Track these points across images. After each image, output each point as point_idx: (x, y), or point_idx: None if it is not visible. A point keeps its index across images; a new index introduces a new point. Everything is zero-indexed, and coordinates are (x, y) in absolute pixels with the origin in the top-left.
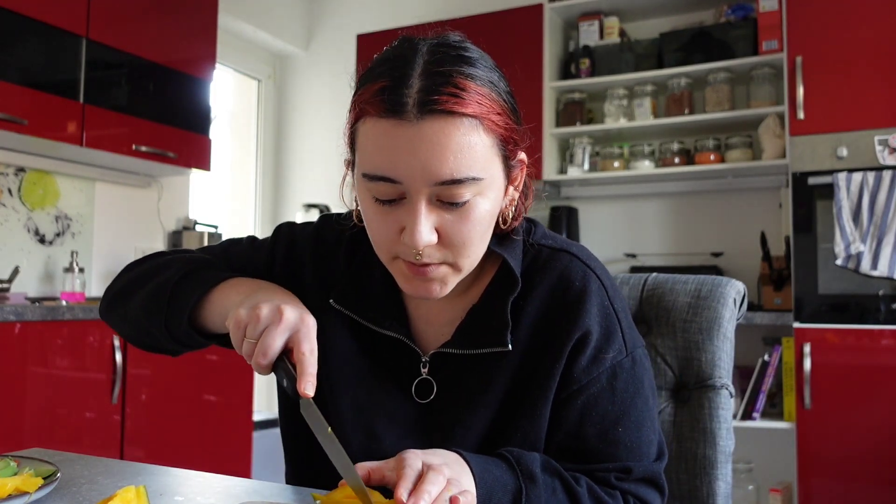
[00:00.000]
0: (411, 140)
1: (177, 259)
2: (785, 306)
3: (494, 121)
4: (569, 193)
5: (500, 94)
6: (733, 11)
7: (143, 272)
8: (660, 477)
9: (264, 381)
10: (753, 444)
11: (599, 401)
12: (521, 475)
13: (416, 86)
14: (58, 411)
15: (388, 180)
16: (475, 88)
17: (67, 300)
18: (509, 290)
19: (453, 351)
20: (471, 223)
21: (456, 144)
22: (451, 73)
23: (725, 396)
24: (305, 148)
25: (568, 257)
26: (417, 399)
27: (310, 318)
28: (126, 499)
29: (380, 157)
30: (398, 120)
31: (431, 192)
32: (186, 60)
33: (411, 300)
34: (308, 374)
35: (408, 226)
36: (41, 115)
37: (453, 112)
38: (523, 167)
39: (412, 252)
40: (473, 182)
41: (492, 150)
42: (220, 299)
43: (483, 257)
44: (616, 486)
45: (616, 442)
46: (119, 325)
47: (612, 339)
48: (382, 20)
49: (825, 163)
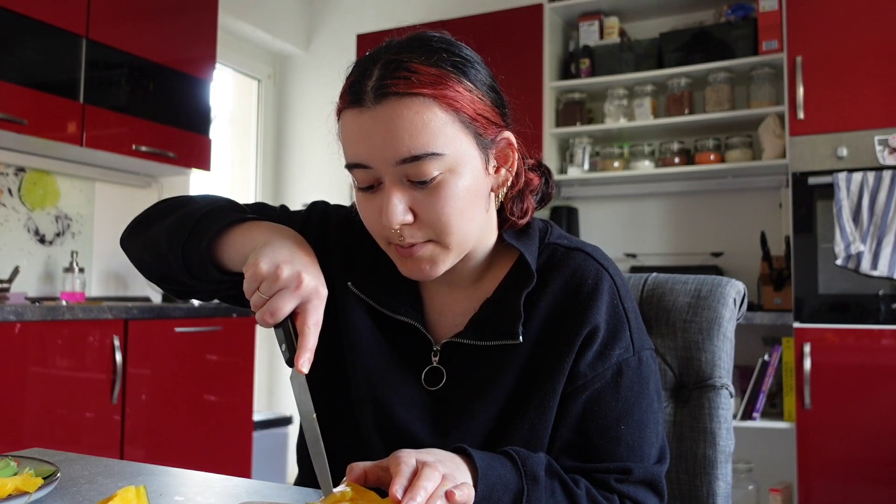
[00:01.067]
0: (370, 124)
1: (213, 197)
2: (785, 306)
3: (453, 98)
4: (569, 193)
5: (466, 74)
6: (733, 11)
7: (173, 203)
8: (660, 481)
9: (264, 382)
10: (753, 444)
11: (603, 397)
12: (524, 476)
13: (374, 75)
14: (58, 411)
15: (361, 166)
16: (428, 70)
17: (67, 300)
18: (524, 284)
19: (465, 341)
20: (443, 199)
21: (409, 122)
22: (404, 59)
23: (725, 396)
24: (305, 148)
25: (582, 256)
26: (427, 387)
27: (323, 290)
28: (126, 499)
29: (350, 146)
30: (359, 108)
31: (398, 173)
32: (186, 60)
33: (427, 289)
34: (307, 349)
35: (382, 207)
36: (41, 115)
37: (403, 93)
38: (511, 147)
39: (394, 233)
40: (435, 157)
41: (454, 127)
42: (242, 237)
43: (498, 251)
44: (615, 488)
45: (618, 439)
46: (137, 251)
47: (619, 336)
48: (382, 20)
49: (825, 163)
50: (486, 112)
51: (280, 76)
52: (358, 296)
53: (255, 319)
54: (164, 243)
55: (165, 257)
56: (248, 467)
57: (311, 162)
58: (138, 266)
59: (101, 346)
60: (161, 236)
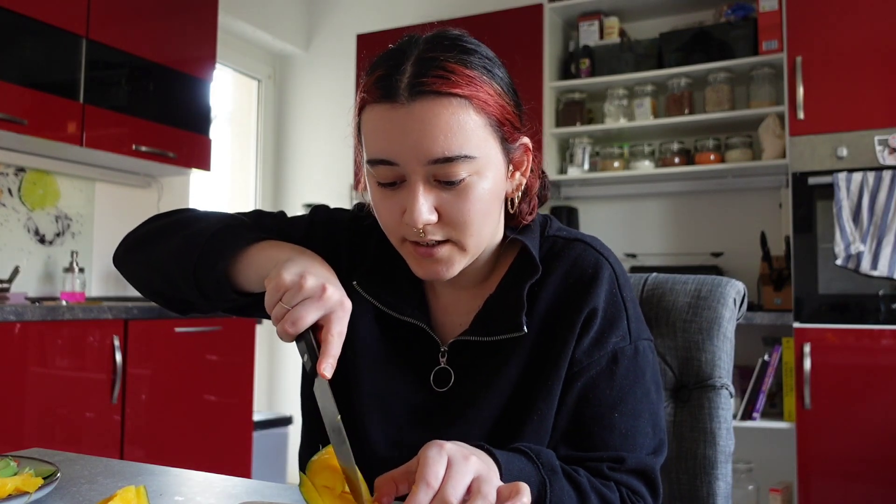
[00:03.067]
0: (403, 121)
1: (213, 213)
2: (785, 306)
3: (486, 101)
4: (569, 193)
5: (495, 77)
6: (733, 11)
7: (175, 222)
8: (653, 471)
9: (264, 382)
10: (753, 444)
11: (598, 384)
12: (542, 468)
13: (408, 72)
14: (58, 411)
15: (387, 163)
16: (464, 71)
17: (67, 300)
18: (527, 275)
19: (471, 339)
20: (469, 202)
21: (445, 123)
22: (440, 58)
23: (725, 396)
24: (305, 148)
25: (582, 245)
26: (435, 388)
27: (348, 303)
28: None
29: (377, 141)
30: (391, 104)
31: (427, 172)
32: (186, 60)
33: (432, 290)
34: (331, 356)
35: (408, 205)
36: (41, 115)
37: (441, 92)
38: (528, 152)
39: (416, 232)
40: (466, 160)
41: (485, 130)
42: (260, 255)
43: (501, 247)
44: (609, 476)
45: (611, 427)
46: (136, 270)
47: (616, 324)
48: (382, 20)
49: (825, 163)
50: (511, 116)
51: (280, 76)
52: (363, 299)
53: (277, 333)
54: (173, 265)
55: (171, 278)
56: (248, 467)
57: (311, 162)
58: (136, 284)
59: (101, 346)
60: (167, 257)
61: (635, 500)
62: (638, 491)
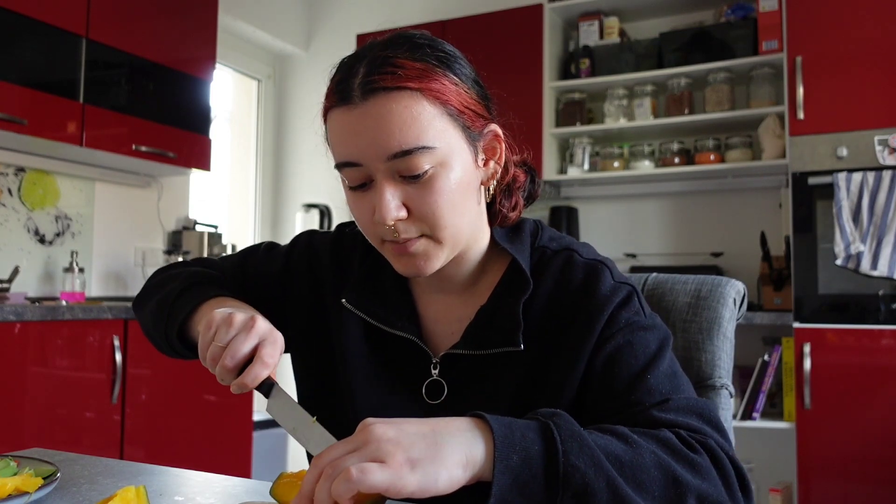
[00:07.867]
0: (359, 120)
1: (184, 273)
2: (785, 306)
3: (440, 90)
4: (569, 193)
5: (451, 68)
6: (733, 11)
7: (160, 282)
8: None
9: None
10: (753, 444)
11: (621, 356)
12: (539, 414)
13: (360, 73)
14: (58, 411)
15: (351, 164)
16: (413, 64)
17: (67, 300)
18: (520, 291)
19: (464, 352)
20: (436, 193)
21: (399, 117)
22: (389, 55)
23: (725, 396)
24: (305, 148)
25: (569, 253)
26: (428, 400)
27: (279, 334)
28: (126, 499)
29: (339, 145)
30: (347, 106)
31: (389, 168)
32: (186, 60)
33: (421, 300)
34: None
35: (375, 204)
36: (41, 115)
37: (391, 87)
38: (498, 139)
39: (388, 230)
40: (426, 151)
41: (442, 120)
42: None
43: (491, 255)
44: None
45: (648, 389)
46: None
47: (629, 304)
48: (382, 20)
49: (825, 163)
50: (472, 105)
51: (280, 76)
52: (353, 315)
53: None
54: (152, 327)
55: (156, 338)
56: (248, 467)
57: (311, 162)
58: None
59: (101, 346)
60: (149, 319)
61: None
62: (697, 428)
